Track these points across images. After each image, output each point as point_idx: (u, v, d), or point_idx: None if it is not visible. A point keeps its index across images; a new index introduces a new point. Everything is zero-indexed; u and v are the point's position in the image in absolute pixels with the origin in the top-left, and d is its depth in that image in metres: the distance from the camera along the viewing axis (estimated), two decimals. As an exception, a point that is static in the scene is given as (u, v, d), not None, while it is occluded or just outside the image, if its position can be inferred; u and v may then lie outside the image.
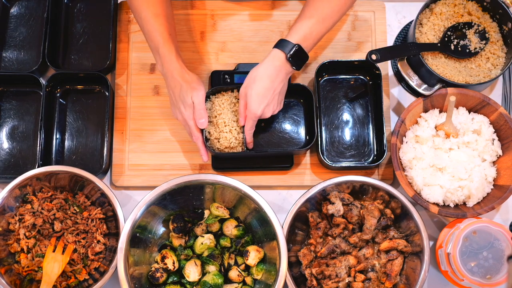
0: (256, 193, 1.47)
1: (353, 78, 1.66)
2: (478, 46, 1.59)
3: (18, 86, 1.65)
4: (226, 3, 1.71)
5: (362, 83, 1.65)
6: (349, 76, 1.66)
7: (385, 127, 1.56)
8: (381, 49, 1.53)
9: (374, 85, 1.63)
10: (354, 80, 1.65)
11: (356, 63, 1.62)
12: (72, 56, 1.69)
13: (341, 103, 1.65)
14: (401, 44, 1.68)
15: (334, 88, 1.65)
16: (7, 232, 1.50)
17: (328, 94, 1.65)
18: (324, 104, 1.64)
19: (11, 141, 1.62)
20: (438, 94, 1.55)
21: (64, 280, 1.49)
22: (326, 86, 1.65)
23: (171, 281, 1.49)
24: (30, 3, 1.72)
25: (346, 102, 1.64)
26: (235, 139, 1.53)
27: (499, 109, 1.53)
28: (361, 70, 1.65)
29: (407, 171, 1.52)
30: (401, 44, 1.67)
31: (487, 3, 1.60)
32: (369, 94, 1.64)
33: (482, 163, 1.52)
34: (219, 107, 1.55)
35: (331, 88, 1.65)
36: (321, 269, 1.48)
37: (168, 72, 1.47)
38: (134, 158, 1.61)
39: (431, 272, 1.54)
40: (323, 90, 1.65)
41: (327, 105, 1.64)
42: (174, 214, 1.53)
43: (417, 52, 1.56)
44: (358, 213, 1.52)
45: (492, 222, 1.42)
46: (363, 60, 1.60)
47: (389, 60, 1.67)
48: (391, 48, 1.59)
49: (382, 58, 1.52)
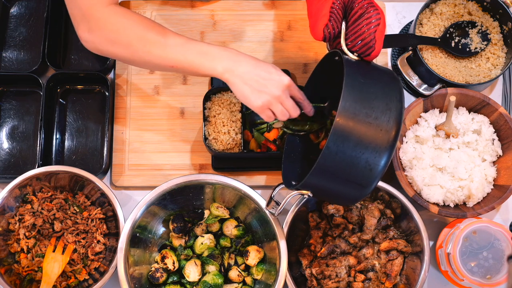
0: (256, 193, 1.47)
1: None
2: (479, 46, 1.59)
3: (18, 86, 1.65)
4: (226, 3, 1.71)
5: None
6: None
7: None
8: None
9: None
10: None
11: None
12: (72, 56, 1.69)
13: None
14: (399, 34, 1.68)
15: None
16: (7, 232, 1.50)
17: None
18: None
19: (11, 141, 1.62)
20: (438, 94, 1.55)
21: (64, 280, 1.49)
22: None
23: (171, 281, 1.49)
24: (30, 3, 1.72)
25: None
26: (233, 139, 1.53)
27: (499, 109, 1.53)
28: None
29: (407, 171, 1.52)
30: (400, 34, 1.67)
31: (487, 3, 1.60)
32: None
33: (482, 163, 1.52)
34: (218, 107, 1.55)
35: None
36: (321, 269, 1.48)
37: (237, 58, 1.29)
38: (134, 158, 1.61)
39: (431, 272, 1.54)
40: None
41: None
42: (174, 214, 1.53)
43: (415, 43, 1.55)
44: (358, 213, 1.52)
45: (492, 222, 1.42)
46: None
47: (388, 59, 1.68)
48: (388, 36, 1.58)
49: None
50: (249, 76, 1.28)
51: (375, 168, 1.20)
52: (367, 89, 1.21)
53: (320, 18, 1.29)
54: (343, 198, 1.31)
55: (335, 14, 1.28)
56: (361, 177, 1.21)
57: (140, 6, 1.70)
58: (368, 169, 1.20)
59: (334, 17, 1.28)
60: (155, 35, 1.30)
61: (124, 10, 1.34)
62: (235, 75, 1.28)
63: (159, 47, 1.29)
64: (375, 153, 1.19)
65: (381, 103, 1.20)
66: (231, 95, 1.56)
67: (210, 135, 1.54)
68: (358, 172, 1.20)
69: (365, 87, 1.21)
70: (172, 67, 1.31)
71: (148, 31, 1.30)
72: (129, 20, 1.31)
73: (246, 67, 1.29)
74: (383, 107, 1.20)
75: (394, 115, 1.20)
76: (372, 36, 1.25)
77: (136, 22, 1.31)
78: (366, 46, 1.26)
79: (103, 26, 1.31)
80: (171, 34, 1.32)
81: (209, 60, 1.29)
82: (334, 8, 1.28)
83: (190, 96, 1.64)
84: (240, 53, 1.31)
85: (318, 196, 1.34)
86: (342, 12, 1.30)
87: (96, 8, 1.31)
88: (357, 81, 1.21)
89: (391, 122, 1.19)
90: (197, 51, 1.29)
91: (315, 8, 1.32)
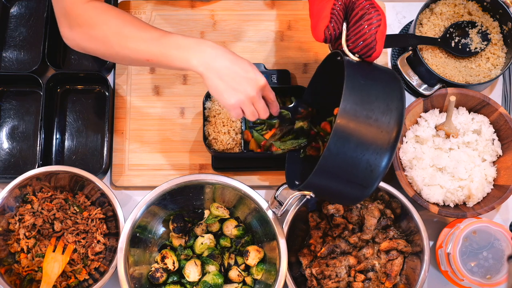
0: (256, 193, 1.47)
1: None
2: (479, 46, 1.59)
3: (18, 86, 1.65)
4: (226, 3, 1.71)
5: None
6: None
7: None
8: None
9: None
10: None
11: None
12: (72, 56, 1.69)
13: None
14: (399, 34, 1.68)
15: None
16: (7, 232, 1.50)
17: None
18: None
19: (11, 141, 1.62)
20: (438, 94, 1.55)
21: (64, 280, 1.49)
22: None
23: (171, 281, 1.49)
24: (30, 3, 1.72)
25: None
26: (233, 139, 1.53)
27: (499, 109, 1.53)
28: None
29: (407, 171, 1.52)
30: (400, 34, 1.67)
31: (487, 3, 1.60)
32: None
33: (482, 163, 1.52)
34: (218, 107, 1.55)
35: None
36: (321, 269, 1.48)
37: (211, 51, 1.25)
38: (134, 158, 1.61)
39: (431, 272, 1.54)
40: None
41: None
42: (174, 214, 1.53)
43: (415, 43, 1.55)
44: (358, 213, 1.52)
45: (492, 222, 1.42)
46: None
47: (388, 59, 1.68)
48: (388, 36, 1.57)
49: None
50: (225, 72, 1.25)
51: (376, 169, 1.20)
52: (367, 90, 1.21)
53: (321, 20, 1.29)
54: (345, 198, 1.31)
55: (336, 16, 1.28)
56: (363, 178, 1.21)
57: (140, 6, 1.70)
58: (369, 170, 1.20)
59: (335, 19, 1.28)
60: (131, 29, 1.27)
61: (105, 5, 1.32)
62: (210, 69, 1.25)
63: (134, 41, 1.27)
64: (376, 154, 1.19)
65: (381, 104, 1.20)
66: (231, 95, 1.56)
67: (210, 135, 1.54)
68: (360, 173, 1.21)
69: (365, 88, 1.21)
70: (148, 60, 1.28)
71: (125, 26, 1.28)
72: (107, 15, 1.29)
73: (223, 62, 1.25)
74: (384, 108, 1.20)
75: (395, 116, 1.20)
76: (373, 37, 1.25)
77: (114, 17, 1.29)
78: (367, 47, 1.26)
79: (82, 22, 1.29)
80: (149, 28, 1.29)
81: (184, 53, 1.25)
82: (335, 10, 1.28)
83: (190, 96, 1.64)
84: (218, 47, 1.27)
85: (320, 196, 1.34)
86: (343, 13, 1.29)
87: (76, 5, 1.29)
88: (358, 83, 1.21)
89: (392, 123, 1.19)
90: (173, 44, 1.26)
91: (316, 9, 1.32)
